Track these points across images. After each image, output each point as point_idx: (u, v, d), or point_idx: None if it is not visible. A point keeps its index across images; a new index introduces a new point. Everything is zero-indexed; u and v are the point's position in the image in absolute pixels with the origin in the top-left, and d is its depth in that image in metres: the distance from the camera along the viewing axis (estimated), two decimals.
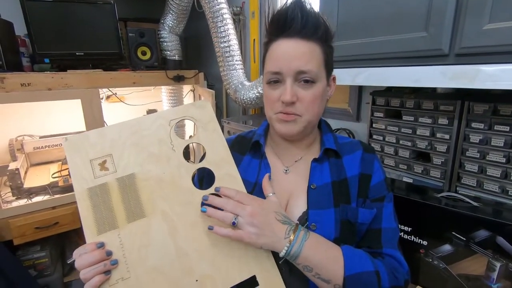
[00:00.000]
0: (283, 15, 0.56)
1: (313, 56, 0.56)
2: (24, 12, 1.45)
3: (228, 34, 1.58)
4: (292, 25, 0.55)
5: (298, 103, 0.57)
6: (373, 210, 0.61)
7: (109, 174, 0.54)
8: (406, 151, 1.05)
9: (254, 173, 0.64)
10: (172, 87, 1.93)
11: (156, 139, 0.57)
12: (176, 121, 0.59)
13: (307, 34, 0.55)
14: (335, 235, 0.57)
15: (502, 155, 0.83)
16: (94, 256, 0.48)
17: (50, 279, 1.55)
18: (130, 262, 0.50)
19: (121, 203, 0.53)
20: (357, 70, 0.93)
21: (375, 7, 0.85)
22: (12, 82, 1.36)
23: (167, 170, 0.56)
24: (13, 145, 1.69)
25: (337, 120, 1.40)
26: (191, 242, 0.53)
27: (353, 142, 0.68)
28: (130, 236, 0.52)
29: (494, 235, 0.74)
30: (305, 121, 0.58)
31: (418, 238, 0.88)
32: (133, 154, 0.55)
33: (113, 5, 1.64)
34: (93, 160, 0.54)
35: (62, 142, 0.56)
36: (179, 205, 0.54)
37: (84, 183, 0.53)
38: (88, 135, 0.56)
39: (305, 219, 0.58)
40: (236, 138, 0.72)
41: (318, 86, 0.57)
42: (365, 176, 0.63)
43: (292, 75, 0.55)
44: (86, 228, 0.51)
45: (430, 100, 0.96)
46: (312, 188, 0.60)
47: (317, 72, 0.56)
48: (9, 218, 1.40)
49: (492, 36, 0.64)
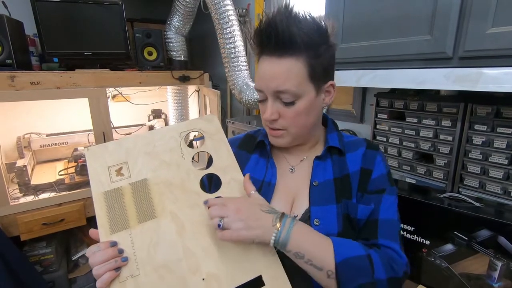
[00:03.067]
0: (258, 34, 0.55)
1: (290, 75, 0.54)
2: (34, 12, 1.48)
3: (234, 36, 1.60)
4: (268, 44, 0.54)
5: (280, 119, 0.58)
6: (371, 206, 0.61)
7: (124, 179, 0.59)
8: (410, 153, 1.07)
9: (261, 172, 0.66)
10: (178, 87, 1.95)
11: (168, 148, 0.62)
12: (186, 133, 0.64)
13: (282, 52, 0.54)
14: (338, 230, 0.58)
15: (504, 157, 0.84)
16: (107, 254, 0.50)
17: (55, 275, 1.57)
18: (140, 260, 0.53)
19: (134, 205, 0.57)
20: (362, 72, 0.95)
21: (380, 10, 0.87)
22: (22, 81, 1.38)
23: (176, 175, 0.60)
24: (21, 142, 1.72)
25: (341, 121, 1.42)
26: (198, 241, 0.55)
27: (358, 140, 0.68)
28: (140, 235, 0.55)
29: (496, 235, 0.75)
30: (293, 134, 0.60)
31: (420, 238, 0.89)
32: (146, 161, 0.60)
33: (121, 6, 1.66)
34: (110, 167, 0.59)
35: (84, 151, 0.61)
36: (187, 207, 0.58)
37: (101, 187, 0.57)
38: (107, 145, 0.61)
39: (308, 216, 0.59)
40: (244, 137, 0.74)
41: (301, 103, 0.56)
42: (365, 170, 0.63)
43: (271, 94, 0.57)
44: (101, 227, 0.54)
45: (433, 102, 0.98)
46: (314, 185, 0.61)
47: (297, 90, 0.55)
48: (16, 214, 1.42)
49: (495, 40, 0.65)
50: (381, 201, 0.61)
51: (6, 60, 1.40)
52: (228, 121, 1.75)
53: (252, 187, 0.58)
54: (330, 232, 0.58)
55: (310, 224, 0.58)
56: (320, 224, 0.58)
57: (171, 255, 0.54)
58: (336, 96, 0.66)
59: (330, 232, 0.58)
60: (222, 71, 1.77)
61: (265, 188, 0.63)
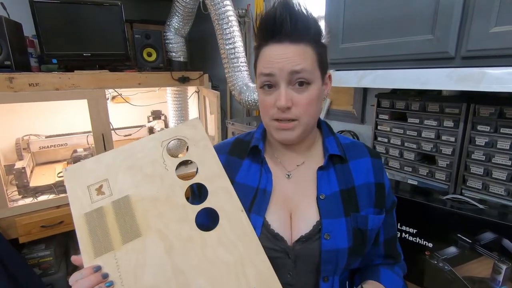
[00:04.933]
0: (271, 19, 0.53)
1: (306, 57, 0.54)
2: (33, 13, 1.47)
3: (234, 36, 1.59)
4: (282, 30, 0.53)
5: (293, 108, 0.55)
6: (381, 216, 0.61)
7: (106, 197, 0.55)
8: (411, 154, 1.06)
9: (255, 178, 0.62)
10: (177, 88, 1.94)
11: (149, 160, 0.58)
12: (168, 141, 0.60)
13: (298, 37, 0.53)
14: (348, 244, 0.57)
15: (508, 158, 0.83)
16: (90, 281, 0.48)
17: (54, 277, 1.56)
18: (126, 283, 0.50)
19: (117, 225, 0.54)
20: (363, 72, 0.94)
21: (381, 9, 0.86)
22: (20, 82, 1.37)
23: (161, 189, 0.57)
24: (20, 144, 1.71)
25: (341, 122, 1.41)
26: (187, 259, 0.53)
27: (358, 145, 0.66)
28: (126, 256, 0.52)
29: (500, 238, 0.74)
30: (303, 125, 0.57)
31: (423, 240, 0.88)
32: (128, 176, 0.57)
33: (120, 7, 1.66)
34: (90, 186, 0.56)
35: (63, 172, 0.58)
36: (174, 222, 0.55)
37: (82, 209, 0.54)
38: (85, 163, 0.58)
39: (318, 229, 0.57)
40: (234, 141, 0.70)
41: (313, 88, 0.55)
42: (379, 185, 0.62)
43: (285, 78, 0.54)
44: (84, 252, 0.51)
45: (435, 103, 0.97)
46: (321, 199, 0.59)
47: (312, 71, 0.54)
48: (15, 217, 1.41)
49: (499, 39, 0.64)
50: (394, 215, 0.65)
51: (5, 62, 1.39)
52: (228, 122, 1.74)
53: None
54: (339, 247, 0.56)
55: (320, 238, 0.56)
56: (330, 238, 0.56)
57: (159, 276, 0.51)
58: (336, 96, 0.65)
59: (339, 247, 0.56)
60: (222, 72, 1.76)
61: (260, 195, 0.60)
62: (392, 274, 0.65)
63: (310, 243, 0.57)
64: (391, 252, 0.67)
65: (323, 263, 0.56)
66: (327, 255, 0.56)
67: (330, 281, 0.57)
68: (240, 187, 0.60)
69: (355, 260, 0.60)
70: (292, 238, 0.58)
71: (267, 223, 0.58)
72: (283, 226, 0.58)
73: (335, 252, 0.56)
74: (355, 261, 0.60)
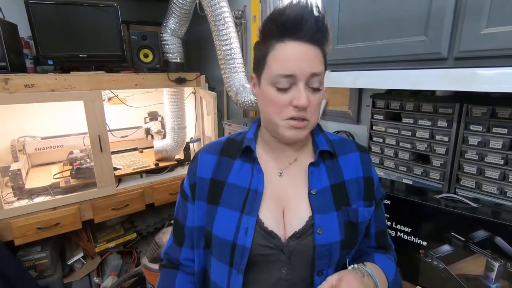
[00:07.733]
0: (298, 16, 0.52)
1: (321, 61, 0.56)
2: (29, 14, 1.46)
3: (230, 37, 1.59)
4: (304, 28, 0.52)
5: (308, 108, 0.56)
6: (371, 208, 0.63)
7: None
8: (406, 153, 1.07)
9: (247, 179, 0.62)
10: (174, 90, 1.94)
11: None
12: None
13: (317, 40, 0.54)
14: (340, 237, 0.58)
15: (500, 157, 0.84)
16: None
17: (50, 280, 1.55)
18: None
19: None
20: (358, 73, 0.95)
21: (375, 11, 0.87)
22: (16, 83, 1.37)
23: None
24: (15, 146, 1.70)
25: (337, 122, 1.41)
26: None
27: (346, 141, 0.69)
28: None
29: (493, 236, 0.75)
30: (312, 125, 0.59)
31: (417, 239, 0.89)
32: None
33: (116, 8, 1.65)
34: None
35: None
36: None
37: None
38: None
39: (311, 224, 0.58)
40: (226, 141, 0.69)
41: (322, 91, 0.58)
42: (368, 179, 0.64)
43: (304, 79, 0.54)
44: None
45: (429, 103, 0.98)
46: (313, 194, 0.60)
47: (323, 74, 0.57)
48: (10, 219, 1.40)
49: (490, 40, 0.66)
50: (383, 208, 0.67)
51: (0, 63, 1.38)
52: (224, 123, 1.75)
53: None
54: (332, 240, 0.57)
55: (313, 233, 0.57)
56: (323, 233, 0.57)
57: None
58: (332, 97, 0.67)
59: (332, 240, 0.57)
60: (219, 73, 1.76)
61: (252, 196, 0.60)
62: (386, 258, 0.68)
63: (303, 239, 0.57)
64: (382, 243, 0.70)
65: (317, 258, 0.57)
66: (321, 249, 0.57)
67: (324, 274, 0.58)
68: (231, 188, 0.61)
69: (348, 252, 0.61)
70: (286, 235, 0.59)
71: (261, 221, 0.59)
72: (276, 223, 0.59)
73: (328, 246, 0.57)
74: (348, 253, 0.62)
